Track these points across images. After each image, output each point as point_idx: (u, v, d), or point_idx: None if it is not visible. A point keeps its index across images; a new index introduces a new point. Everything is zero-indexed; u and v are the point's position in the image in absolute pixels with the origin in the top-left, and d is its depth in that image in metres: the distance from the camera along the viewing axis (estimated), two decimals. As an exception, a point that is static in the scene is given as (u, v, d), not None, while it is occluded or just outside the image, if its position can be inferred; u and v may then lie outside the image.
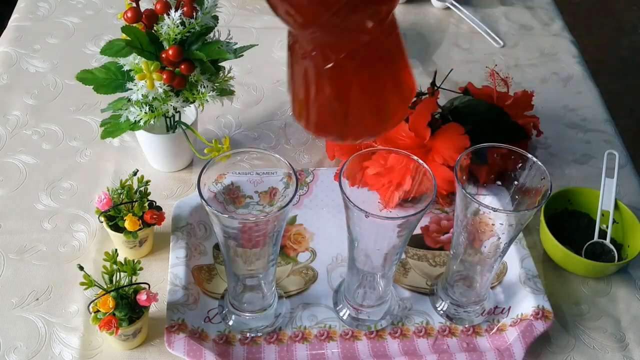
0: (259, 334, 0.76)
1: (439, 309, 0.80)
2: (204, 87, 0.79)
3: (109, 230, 0.78)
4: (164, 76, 0.76)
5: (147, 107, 0.78)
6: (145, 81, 0.76)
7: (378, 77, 0.56)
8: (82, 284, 0.69)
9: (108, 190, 0.78)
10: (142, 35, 0.75)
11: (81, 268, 0.70)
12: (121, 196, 0.78)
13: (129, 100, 0.80)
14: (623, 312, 0.82)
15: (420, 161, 0.68)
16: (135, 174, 0.80)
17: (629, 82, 2.23)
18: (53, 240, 0.83)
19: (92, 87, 0.80)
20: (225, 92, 0.83)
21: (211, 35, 0.80)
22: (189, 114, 0.90)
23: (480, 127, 0.87)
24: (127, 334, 0.71)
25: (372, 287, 0.75)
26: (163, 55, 0.76)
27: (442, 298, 0.80)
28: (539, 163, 0.69)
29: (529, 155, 0.70)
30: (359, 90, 0.56)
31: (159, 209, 0.80)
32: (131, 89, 0.78)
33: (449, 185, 0.84)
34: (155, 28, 0.76)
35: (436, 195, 0.86)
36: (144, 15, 0.75)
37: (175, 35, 0.75)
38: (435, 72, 0.94)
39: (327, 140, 0.93)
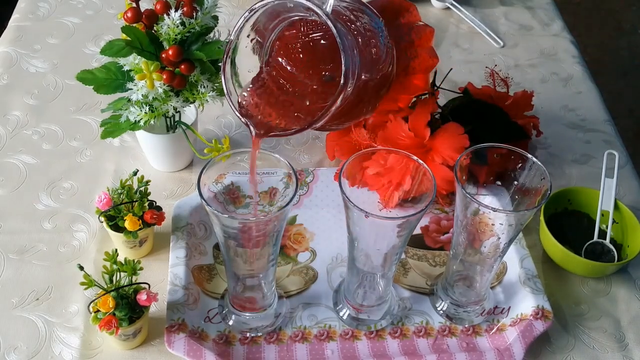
0: (259, 334, 0.76)
1: (439, 308, 0.80)
2: (204, 87, 0.79)
3: (109, 230, 0.78)
4: (164, 76, 0.76)
5: (147, 107, 0.79)
6: (145, 81, 0.76)
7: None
8: (82, 284, 0.69)
9: (108, 190, 0.78)
10: (142, 35, 0.75)
11: (81, 268, 0.70)
12: (121, 196, 0.78)
13: (129, 100, 0.80)
14: (623, 312, 0.82)
15: (420, 161, 0.68)
16: (135, 174, 0.80)
17: (629, 82, 2.23)
18: (53, 240, 0.83)
19: (92, 87, 0.80)
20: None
21: (211, 35, 0.80)
22: (189, 114, 0.90)
23: (480, 127, 0.87)
24: (127, 334, 0.71)
25: (372, 287, 0.75)
26: (163, 55, 0.76)
27: (442, 298, 0.80)
28: (539, 163, 0.69)
29: (529, 155, 0.70)
30: None
31: (159, 209, 0.80)
32: (131, 89, 0.78)
33: (449, 185, 0.84)
34: (155, 28, 0.76)
35: (436, 195, 0.86)
36: (144, 15, 0.75)
37: (175, 35, 0.75)
38: (435, 72, 0.94)
39: (327, 140, 0.93)
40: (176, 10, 0.74)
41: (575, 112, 1.08)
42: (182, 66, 0.76)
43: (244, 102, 0.68)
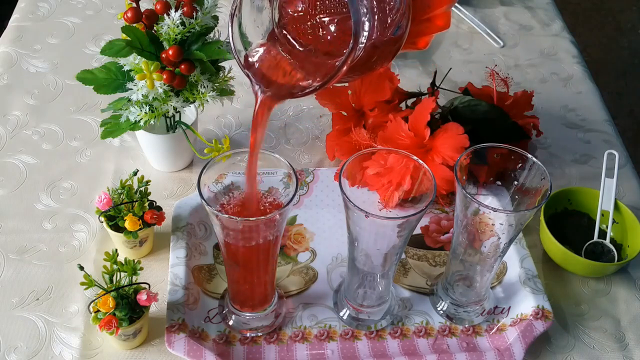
0: (259, 334, 0.76)
1: (439, 309, 0.80)
2: (204, 87, 0.79)
3: (109, 230, 0.78)
4: (164, 76, 0.76)
5: (147, 107, 0.78)
6: (146, 81, 0.76)
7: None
8: (82, 284, 0.69)
9: (108, 190, 0.78)
10: (142, 35, 0.75)
11: (81, 268, 0.70)
12: (121, 196, 0.78)
13: (129, 100, 0.80)
14: (623, 312, 0.82)
15: (420, 161, 0.68)
16: (135, 174, 0.80)
17: (629, 82, 2.23)
18: (53, 240, 0.83)
19: (92, 87, 0.80)
20: (225, 92, 0.83)
21: (211, 35, 0.80)
22: (189, 114, 0.90)
23: (480, 127, 0.87)
24: (127, 334, 0.71)
25: (372, 287, 0.75)
26: (163, 55, 0.76)
27: (442, 298, 0.80)
28: (539, 163, 0.69)
29: (529, 155, 0.70)
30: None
31: (159, 209, 0.80)
32: (131, 89, 0.78)
33: (449, 185, 0.84)
34: (155, 28, 0.76)
35: (436, 195, 0.86)
36: (144, 15, 0.75)
37: (175, 35, 0.75)
38: (435, 72, 0.94)
39: (327, 140, 0.93)
40: (176, 10, 0.74)
41: (575, 112, 1.08)
42: (182, 66, 0.76)
43: (254, 61, 0.66)
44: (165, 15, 0.75)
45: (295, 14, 0.67)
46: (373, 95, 0.88)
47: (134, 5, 0.75)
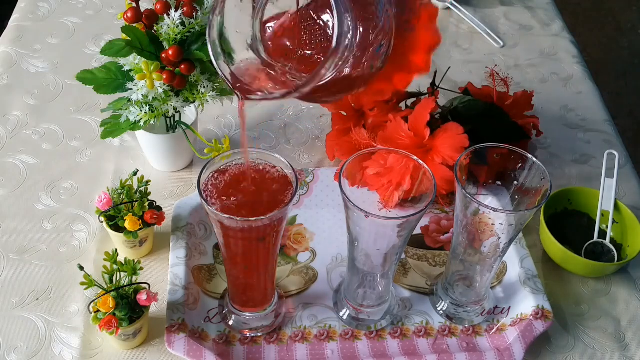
0: (259, 334, 0.76)
1: (439, 309, 0.80)
2: (204, 87, 0.79)
3: (109, 230, 0.78)
4: (164, 76, 0.76)
5: (147, 107, 0.79)
6: (146, 81, 0.76)
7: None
8: (82, 284, 0.69)
9: (108, 190, 0.78)
10: (142, 35, 0.75)
11: (81, 268, 0.70)
12: (121, 196, 0.78)
13: (129, 100, 0.80)
14: (623, 312, 0.82)
15: (420, 161, 0.68)
16: (135, 174, 0.80)
17: (629, 82, 2.23)
18: (53, 240, 0.83)
19: (92, 87, 0.80)
20: (225, 92, 0.83)
21: (211, 35, 0.80)
22: (189, 114, 0.90)
23: (480, 127, 0.87)
24: (127, 334, 0.71)
25: (372, 287, 0.75)
26: (163, 55, 0.76)
27: (442, 298, 0.80)
28: (539, 163, 0.69)
29: (529, 155, 0.70)
30: None
31: (159, 209, 0.80)
32: (131, 89, 0.78)
33: (449, 185, 0.84)
34: (155, 28, 0.76)
35: (436, 195, 0.86)
36: (144, 15, 0.75)
37: (175, 35, 0.75)
38: (435, 72, 0.94)
39: (327, 140, 0.93)
40: (176, 10, 0.74)
41: (575, 112, 1.08)
42: (182, 66, 0.76)
43: (235, 70, 0.66)
44: (165, 15, 0.75)
45: (278, 44, 0.68)
46: (373, 95, 0.88)
47: (134, 5, 0.75)
